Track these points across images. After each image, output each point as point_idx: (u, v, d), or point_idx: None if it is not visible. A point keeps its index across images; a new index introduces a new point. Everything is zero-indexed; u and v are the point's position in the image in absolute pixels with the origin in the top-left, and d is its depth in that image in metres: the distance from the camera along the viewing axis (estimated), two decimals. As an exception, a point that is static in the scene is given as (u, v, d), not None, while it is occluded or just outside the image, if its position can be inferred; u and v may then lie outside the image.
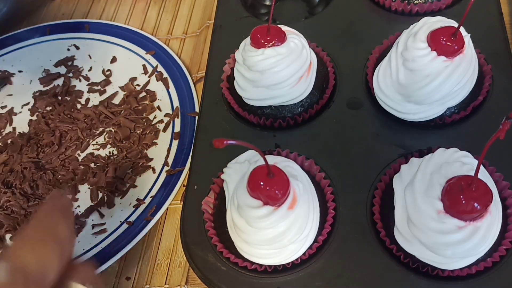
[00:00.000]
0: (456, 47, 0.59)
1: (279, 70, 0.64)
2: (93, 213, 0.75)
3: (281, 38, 0.65)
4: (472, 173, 0.47)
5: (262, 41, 0.65)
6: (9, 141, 0.85)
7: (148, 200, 0.73)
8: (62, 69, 0.94)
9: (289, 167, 0.58)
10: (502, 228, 0.53)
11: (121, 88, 0.89)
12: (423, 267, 0.56)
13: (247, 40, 0.67)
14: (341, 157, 0.66)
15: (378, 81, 0.66)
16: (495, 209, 0.51)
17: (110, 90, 0.89)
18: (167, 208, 0.72)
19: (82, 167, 0.80)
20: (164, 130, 0.81)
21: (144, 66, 0.90)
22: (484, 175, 0.53)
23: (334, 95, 0.72)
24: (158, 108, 0.85)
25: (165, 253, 0.69)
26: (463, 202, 0.48)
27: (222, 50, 0.80)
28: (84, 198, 0.77)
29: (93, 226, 0.73)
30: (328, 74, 0.72)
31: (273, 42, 0.65)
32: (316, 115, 0.71)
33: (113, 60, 0.93)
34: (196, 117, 0.78)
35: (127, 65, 0.91)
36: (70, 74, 0.93)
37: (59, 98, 0.89)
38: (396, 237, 0.56)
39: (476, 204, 0.48)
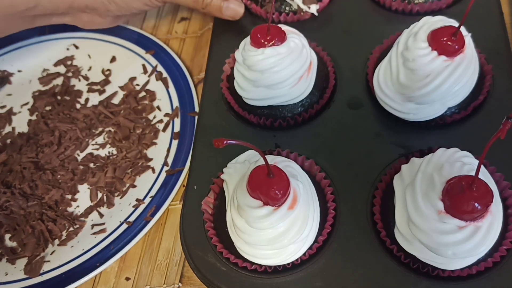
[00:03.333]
0: (456, 46, 0.59)
1: (279, 69, 0.64)
2: (92, 213, 0.75)
3: (281, 37, 0.65)
4: (473, 173, 0.47)
5: (262, 41, 0.64)
6: (8, 141, 0.85)
7: (147, 200, 0.73)
8: (61, 69, 0.94)
9: (289, 167, 0.58)
10: (503, 228, 0.53)
11: (121, 87, 0.89)
12: (423, 267, 0.55)
13: (247, 39, 0.67)
14: (341, 157, 0.66)
15: (379, 81, 0.66)
16: (496, 209, 0.51)
17: (109, 89, 0.89)
18: (167, 209, 0.72)
19: (81, 167, 0.80)
20: (164, 130, 0.81)
21: (143, 65, 0.90)
22: (484, 175, 0.53)
23: (335, 95, 0.72)
24: (158, 108, 0.84)
25: (165, 254, 0.69)
26: (464, 202, 0.48)
27: (222, 50, 0.80)
28: (83, 198, 0.77)
29: (93, 226, 0.73)
30: (328, 74, 0.72)
31: (273, 41, 0.64)
32: (317, 115, 0.71)
33: (113, 59, 0.93)
34: (196, 117, 0.78)
35: (127, 65, 0.91)
36: (70, 74, 0.92)
37: (59, 97, 0.89)
38: (396, 237, 0.56)
39: (476, 204, 0.47)
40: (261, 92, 0.67)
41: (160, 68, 0.88)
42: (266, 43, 0.64)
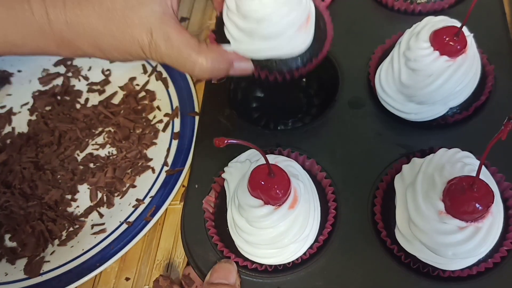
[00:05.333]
0: (458, 47, 0.59)
1: (277, 19, 0.56)
2: (92, 213, 0.75)
3: None
4: (474, 174, 0.47)
5: None
6: (8, 141, 0.85)
7: (147, 200, 0.73)
8: (61, 69, 0.93)
9: (290, 166, 0.58)
10: (503, 229, 0.53)
11: (121, 87, 0.88)
12: (424, 268, 0.55)
13: None
14: (342, 157, 0.66)
15: (380, 81, 0.66)
16: (496, 209, 0.51)
17: (109, 90, 0.89)
18: (166, 209, 0.72)
19: (81, 167, 0.79)
20: (164, 130, 0.81)
21: (143, 65, 0.90)
22: (485, 176, 0.53)
23: (336, 94, 0.71)
24: (158, 108, 0.84)
25: (164, 254, 0.69)
26: (465, 202, 0.48)
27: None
28: (83, 198, 0.77)
29: (93, 226, 0.73)
30: (326, 29, 0.65)
31: None
32: (318, 114, 0.70)
33: (113, 59, 0.93)
34: (196, 117, 0.78)
35: (127, 65, 0.91)
36: (70, 74, 0.92)
37: (58, 98, 0.89)
38: (397, 237, 0.56)
39: (477, 205, 0.47)
40: (257, 43, 0.59)
41: (160, 68, 0.88)
42: None
